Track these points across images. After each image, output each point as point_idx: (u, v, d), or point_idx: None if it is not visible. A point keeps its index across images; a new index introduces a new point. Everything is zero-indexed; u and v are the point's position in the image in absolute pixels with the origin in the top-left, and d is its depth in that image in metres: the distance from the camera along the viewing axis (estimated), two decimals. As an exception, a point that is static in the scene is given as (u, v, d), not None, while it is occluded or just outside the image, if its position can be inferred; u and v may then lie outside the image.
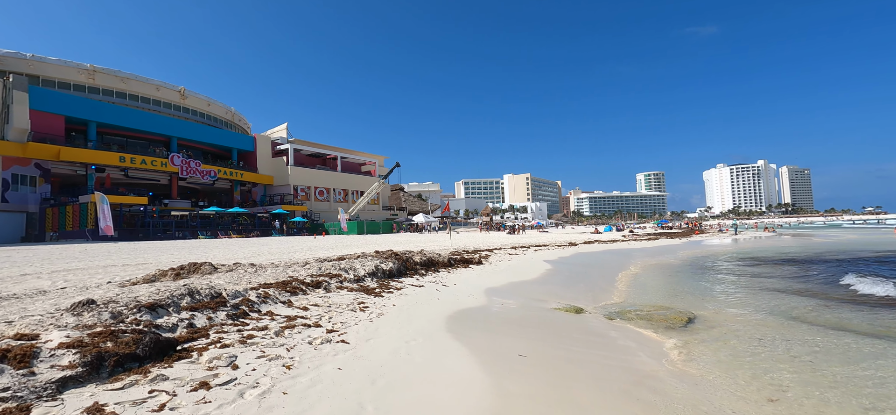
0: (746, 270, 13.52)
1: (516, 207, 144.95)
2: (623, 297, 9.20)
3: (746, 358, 5.01)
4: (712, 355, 5.13)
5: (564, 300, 8.23)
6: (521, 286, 9.19)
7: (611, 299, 8.78)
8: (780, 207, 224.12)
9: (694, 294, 9.44)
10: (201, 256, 15.71)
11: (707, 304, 8.32)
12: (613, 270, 13.71)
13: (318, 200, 57.25)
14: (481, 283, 9.30)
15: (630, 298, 9.08)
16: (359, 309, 5.69)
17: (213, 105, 52.01)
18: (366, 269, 8.13)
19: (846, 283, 10.12)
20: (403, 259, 9.63)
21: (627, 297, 9.19)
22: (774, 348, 5.38)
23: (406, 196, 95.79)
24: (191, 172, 44.10)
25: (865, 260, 15.55)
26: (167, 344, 3.19)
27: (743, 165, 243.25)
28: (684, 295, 9.33)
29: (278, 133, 60.33)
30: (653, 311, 7.52)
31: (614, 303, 8.41)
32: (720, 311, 7.70)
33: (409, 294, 7.27)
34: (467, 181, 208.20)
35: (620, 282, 11.07)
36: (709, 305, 8.13)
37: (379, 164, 70.71)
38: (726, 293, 9.58)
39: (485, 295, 7.79)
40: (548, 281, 10.37)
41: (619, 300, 8.73)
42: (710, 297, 9.16)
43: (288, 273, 7.28)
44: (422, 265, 10.17)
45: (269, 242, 26.01)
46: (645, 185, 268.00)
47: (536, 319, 6.41)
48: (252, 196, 53.91)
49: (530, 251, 19.05)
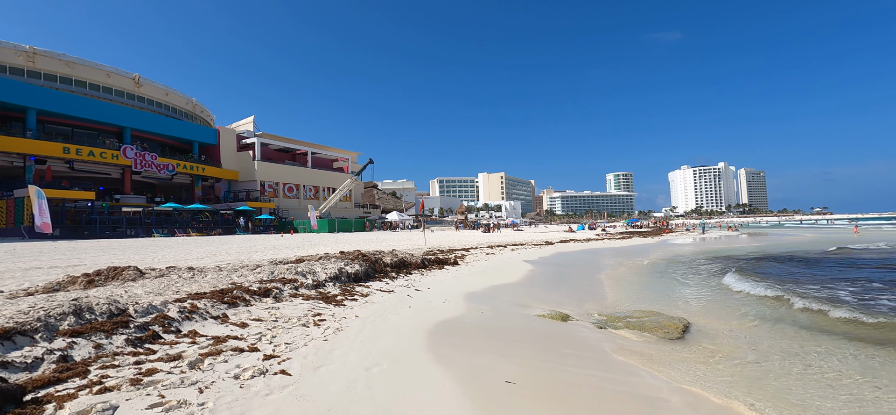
0: (726, 271, 13.33)
1: (491, 206, 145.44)
2: (609, 301, 8.60)
3: (771, 379, 4.39)
4: (728, 374, 4.49)
5: (549, 305, 7.52)
6: (501, 290, 8.41)
7: (596, 304, 8.15)
8: (739, 207, 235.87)
9: (681, 298, 8.96)
10: (148, 256, 14.11)
11: (697, 308, 7.81)
12: (594, 270, 13.22)
13: (286, 197, 54.90)
14: (458, 287, 8.46)
15: (616, 302, 8.49)
16: (313, 323, 4.72)
17: (171, 95, 48.75)
18: (327, 272, 7.12)
19: (828, 280, 9.96)
20: (372, 261, 8.66)
21: (613, 301, 8.60)
22: (791, 365, 4.81)
23: (380, 194, 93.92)
24: (146, 166, 41.09)
25: (837, 260, 15.79)
26: (6, 395, 2.16)
27: (705, 167, 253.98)
28: (672, 299, 8.83)
29: (244, 126, 57.45)
30: (644, 318, 6.91)
31: (601, 308, 7.77)
32: (714, 317, 7.19)
33: (376, 302, 6.33)
34: (442, 179, 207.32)
35: (604, 284, 10.52)
36: (700, 311, 7.62)
37: (352, 160, 68.76)
38: (713, 297, 9.16)
39: (463, 301, 6.95)
40: (529, 283, 9.66)
41: (605, 305, 8.11)
42: (698, 300, 8.70)
43: (232, 279, 6.19)
44: (392, 267, 9.23)
45: (230, 241, 24.24)
46: (614, 185, 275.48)
47: (522, 330, 5.63)
48: (215, 192, 51.02)
49: (507, 251, 18.42)
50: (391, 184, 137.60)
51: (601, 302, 8.36)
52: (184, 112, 51.23)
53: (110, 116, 39.90)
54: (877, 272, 11.59)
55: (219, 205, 47.28)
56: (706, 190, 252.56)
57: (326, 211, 51.95)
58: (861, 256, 16.21)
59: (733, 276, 11.00)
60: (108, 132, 41.08)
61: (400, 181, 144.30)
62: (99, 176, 41.12)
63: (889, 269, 12.47)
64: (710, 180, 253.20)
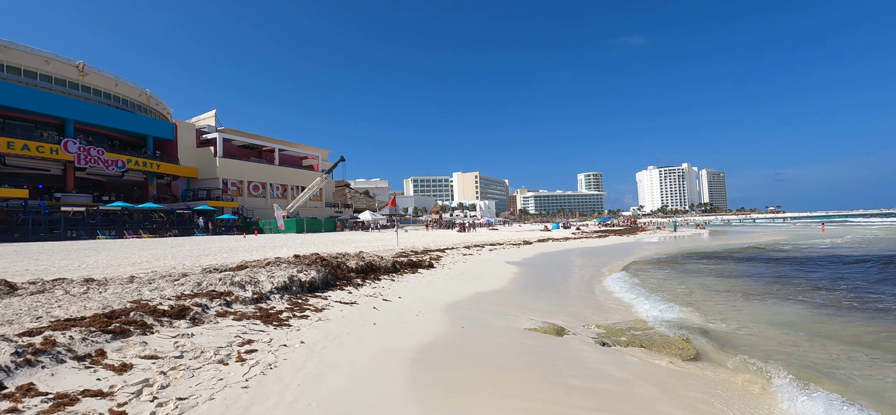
0: (716, 269, 12.81)
1: (465, 205, 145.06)
2: (604, 308, 7.66)
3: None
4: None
5: (539, 315, 6.48)
6: (485, 299, 7.30)
7: (592, 313, 7.18)
8: (701, 205, 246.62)
9: (682, 303, 8.13)
10: (74, 262, 12.18)
11: (705, 316, 6.96)
12: (580, 272, 12.37)
13: (252, 196, 51.99)
14: (434, 294, 7.29)
15: (612, 309, 7.56)
16: (236, 358, 3.42)
17: (121, 85, 44.97)
18: (274, 281, 5.78)
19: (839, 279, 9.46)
20: (332, 266, 7.36)
21: (609, 308, 7.66)
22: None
23: (352, 193, 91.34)
24: (91, 162, 37.56)
25: (820, 258, 15.68)
26: None
27: (670, 168, 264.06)
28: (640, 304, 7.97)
29: (205, 121, 54.07)
30: (650, 331, 5.97)
31: (598, 318, 6.80)
32: (730, 327, 6.32)
33: (333, 318, 5.08)
34: (416, 179, 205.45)
35: (594, 288, 9.61)
36: (709, 319, 6.76)
37: (322, 158, 66.19)
38: (715, 300, 8.40)
39: (441, 314, 5.79)
40: (515, 289, 8.60)
41: (601, 314, 7.15)
42: (703, 305, 7.89)
43: (142, 293, 4.77)
44: (358, 272, 7.95)
45: (182, 244, 22.05)
46: (585, 185, 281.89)
47: (515, 351, 4.51)
48: (172, 190, 47.60)
49: (485, 251, 17.41)
50: (364, 183, 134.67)
51: (596, 311, 7.40)
52: (136, 104, 47.48)
53: (49, 106, 36.19)
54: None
55: (176, 204, 44.06)
56: (671, 190, 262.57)
57: (295, 210, 49.52)
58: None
59: (725, 278, 10.39)
60: (47, 124, 37.28)
61: (373, 180, 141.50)
62: (37, 172, 37.24)
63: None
64: (674, 180, 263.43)
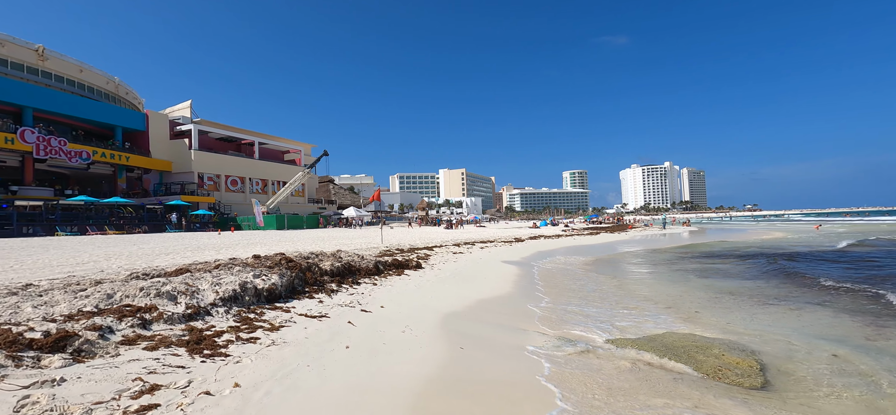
0: (733, 271, 11.92)
1: (452, 202, 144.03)
2: (628, 315, 6.56)
3: None
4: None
5: (563, 327, 5.33)
6: (487, 306, 6.10)
7: (621, 324, 6.06)
8: (682, 203, 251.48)
9: (712, 309, 7.08)
10: (12, 261, 10.51)
11: (749, 330, 5.90)
12: (587, 272, 11.31)
13: (230, 191, 49.75)
14: (424, 302, 6.07)
15: (636, 317, 6.46)
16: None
17: (87, 72, 42.16)
18: (220, 290, 4.48)
19: None
20: (301, 268, 6.06)
21: (631, 314, 6.56)
22: None
23: (336, 189, 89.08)
24: (52, 152, 34.95)
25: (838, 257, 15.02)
26: None
27: (652, 166, 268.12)
28: (703, 314, 6.91)
29: (180, 111, 51.45)
30: (694, 349, 4.87)
31: (634, 327, 5.68)
32: (788, 350, 5.25)
33: (292, 339, 3.83)
34: (402, 175, 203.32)
35: (606, 291, 8.51)
36: (757, 336, 5.68)
37: (305, 152, 64.05)
38: (745, 307, 7.39)
39: (436, 331, 4.58)
40: (522, 294, 7.43)
41: (630, 325, 6.03)
42: (738, 313, 6.85)
43: (20, 310, 3.42)
44: (333, 275, 6.68)
45: (149, 241, 20.25)
46: (570, 183, 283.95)
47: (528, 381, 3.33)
48: (143, 185, 45.04)
49: (476, 249, 16.27)
50: (349, 179, 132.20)
51: (624, 320, 6.28)
52: (104, 93, 44.68)
53: (4, 92, 33.45)
54: None
55: (147, 199, 41.63)
56: (653, 188, 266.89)
57: (275, 206, 47.55)
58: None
59: (740, 279, 9.44)
60: (2, 112, 34.51)
61: (358, 176, 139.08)
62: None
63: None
64: (656, 179, 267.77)
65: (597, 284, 9.25)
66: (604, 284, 9.29)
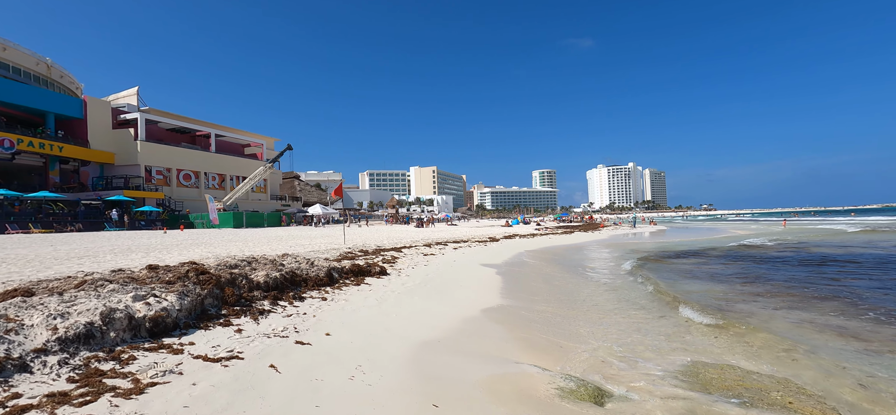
0: (741, 272, 11.15)
1: (423, 200, 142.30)
2: (638, 332, 5.35)
3: None
4: None
5: (556, 358, 4.03)
6: (469, 328, 4.71)
7: (635, 348, 4.82)
8: (644, 203, 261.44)
9: (748, 320, 6.02)
10: None
11: (803, 355, 4.81)
12: (577, 277, 10.17)
13: (182, 186, 45.97)
14: (387, 324, 4.62)
15: (653, 336, 5.26)
16: None
17: (11, 51, 37.41)
18: (64, 325, 2.86)
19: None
20: (219, 282, 4.45)
21: (645, 332, 5.36)
22: None
23: (302, 185, 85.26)
24: (-35, 140, 30.63)
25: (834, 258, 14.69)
26: None
27: (617, 167, 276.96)
28: (741, 326, 5.83)
29: (125, 99, 46.94)
30: (742, 388, 3.69)
31: (658, 361, 4.44)
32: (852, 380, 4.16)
33: (156, 412, 2.31)
34: (372, 172, 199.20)
35: (602, 300, 7.34)
36: (820, 367, 4.59)
37: (268, 146, 60.47)
38: (783, 317, 6.39)
39: (404, 371, 3.15)
40: (512, 308, 6.08)
41: (649, 347, 4.80)
42: (779, 324, 5.80)
43: None
44: (269, 289, 5.10)
45: (72, 241, 17.52)
46: (540, 181, 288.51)
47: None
48: (80, 178, 40.73)
49: (450, 250, 14.91)
50: (316, 175, 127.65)
51: (634, 337, 5.06)
52: (33, 75, 39.93)
53: None
54: None
55: (84, 194, 37.59)
56: (618, 187, 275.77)
57: (232, 202, 44.37)
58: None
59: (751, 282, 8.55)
60: None
61: (326, 173, 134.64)
62: None
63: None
64: (621, 179, 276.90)
65: (594, 290, 8.10)
66: (602, 293, 8.15)
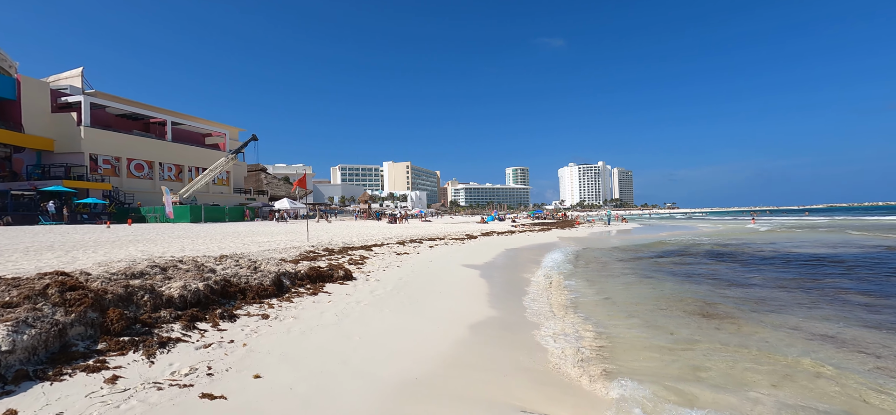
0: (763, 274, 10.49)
1: (396, 196, 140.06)
2: (675, 357, 4.31)
3: None
4: None
5: (580, 403, 2.94)
6: (458, 357, 3.52)
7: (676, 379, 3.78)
8: (613, 201, 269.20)
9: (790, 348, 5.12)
10: None
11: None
12: (578, 277, 9.18)
13: (133, 176, 42.38)
14: (348, 354, 3.38)
15: (690, 360, 4.23)
16: None
17: (-72, 18, 32.98)
18: None
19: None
20: (99, 301, 3.07)
21: (679, 354, 4.33)
22: None
23: (269, 178, 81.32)
24: None
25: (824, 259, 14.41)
26: None
27: (588, 165, 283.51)
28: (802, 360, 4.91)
29: (67, 80, 42.69)
30: None
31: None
32: None
33: None
34: (344, 167, 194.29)
35: (617, 308, 6.33)
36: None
37: (231, 136, 56.92)
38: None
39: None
40: (502, 323, 4.93)
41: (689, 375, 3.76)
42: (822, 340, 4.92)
43: None
44: (186, 306, 3.76)
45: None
46: (513, 179, 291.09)
47: None
48: (13, 166, 36.66)
49: (425, 247, 13.70)
50: (284, 168, 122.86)
51: (674, 368, 4.02)
52: (-44, 49, 35.46)
53: None
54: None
55: (16, 183, 33.78)
56: (588, 185, 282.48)
57: (190, 195, 41.25)
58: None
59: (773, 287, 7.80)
60: None
61: (295, 166, 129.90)
62: None
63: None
64: (591, 177, 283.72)
65: (600, 296, 7.11)
66: (617, 295, 7.16)
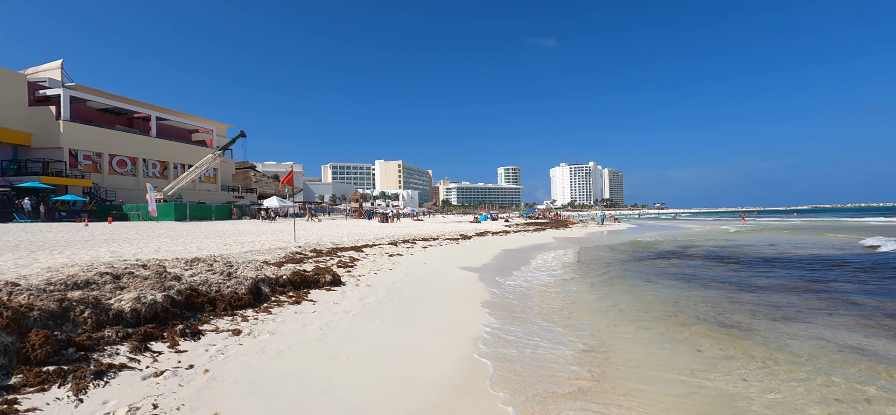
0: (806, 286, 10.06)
1: (388, 195, 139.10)
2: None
3: None
4: None
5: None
6: (461, 387, 2.95)
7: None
8: (603, 201, 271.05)
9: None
10: None
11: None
12: (581, 284, 8.68)
13: (116, 173, 41.03)
14: (333, 383, 2.81)
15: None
16: None
17: None
18: None
19: None
20: (18, 320, 2.47)
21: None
22: None
23: (258, 176, 79.79)
24: None
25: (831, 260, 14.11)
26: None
27: (579, 165, 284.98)
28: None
29: (46, 73, 41.17)
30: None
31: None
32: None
33: None
34: (336, 165, 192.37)
35: (629, 318, 5.83)
36: None
37: (219, 133, 55.64)
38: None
39: None
40: (510, 342, 4.36)
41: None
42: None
43: None
44: (135, 322, 3.14)
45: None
46: (505, 178, 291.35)
47: None
48: (-13, 161, 35.14)
49: (419, 249, 13.13)
50: (274, 166, 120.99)
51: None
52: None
53: None
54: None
55: (-11, 180, 32.33)
56: (579, 186, 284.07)
57: (175, 192, 40.08)
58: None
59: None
60: None
61: (285, 164, 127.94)
62: None
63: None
64: (582, 177, 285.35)
65: (607, 302, 6.59)
66: (645, 309, 6.65)
